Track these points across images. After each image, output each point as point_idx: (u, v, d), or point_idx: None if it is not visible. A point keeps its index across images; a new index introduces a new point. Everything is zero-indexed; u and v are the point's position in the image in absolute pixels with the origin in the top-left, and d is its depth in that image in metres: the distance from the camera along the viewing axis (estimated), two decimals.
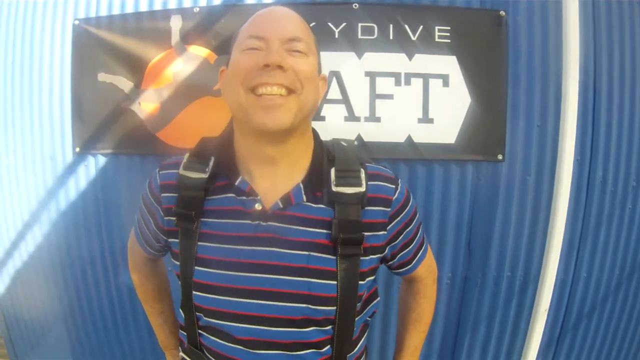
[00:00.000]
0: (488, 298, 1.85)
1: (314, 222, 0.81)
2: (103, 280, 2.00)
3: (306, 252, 0.80)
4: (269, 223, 0.80)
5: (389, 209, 0.85)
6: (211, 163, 0.83)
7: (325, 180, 0.82)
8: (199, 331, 0.87)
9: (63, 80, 1.84)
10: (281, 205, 0.80)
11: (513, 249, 1.80)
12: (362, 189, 0.81)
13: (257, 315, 0.81)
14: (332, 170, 0.82)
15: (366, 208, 0.82)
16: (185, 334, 0.92)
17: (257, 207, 0.80)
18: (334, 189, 0.81)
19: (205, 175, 0.83)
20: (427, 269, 1.02)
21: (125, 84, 1.72)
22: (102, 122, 1.78)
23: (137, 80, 1.71)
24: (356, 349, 0.92)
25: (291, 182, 0.82)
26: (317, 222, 0.81)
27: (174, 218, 0.85)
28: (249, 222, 0.80)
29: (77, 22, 1.77)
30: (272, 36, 0.75)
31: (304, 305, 0.80)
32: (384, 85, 1.60)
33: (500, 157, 1.67)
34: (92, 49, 1.75)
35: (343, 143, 0.89)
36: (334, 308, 0.81)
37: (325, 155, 0.85)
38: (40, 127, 1.90)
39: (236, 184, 0.81)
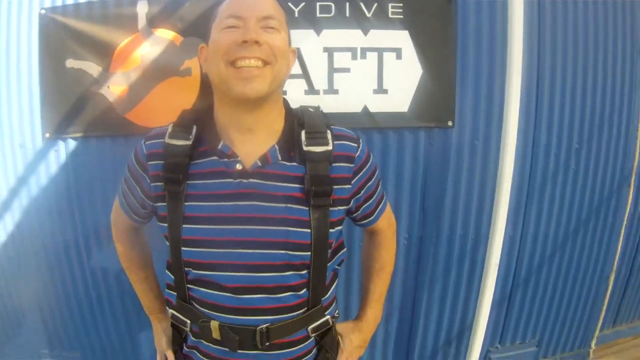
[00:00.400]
0: (443, 256, 2.04)
1: (289, 178, 0.94)
2: (77, 265, 2.08)
3: (283, 204, 0.93)
4: (250, 180, 0.93)
5: (352, 165, 0.99)
6: (194, 131, 0.96)
7: (297, 141, 0.95)
8: (188, 285, 0.99)
9: (31, 69, 1.90)
10: (260, 164, 0.93)
11: (464, 209, 1.99)
12: (330, 147, 0.96)
13: (242, 263, 0.93)
14: (303, 133, 0.95)
15: (333, 164, 0.96)
16: (174, 293, 1.04)
17: (238, 167, 0.93)
18: (305, 148, 0.94)
19: (189, 142, 0.95)
20: (387, 222, 1.18)
21: (93, 68, 1.81)
22: (71, 107, 1.85)
23: (106, 64, 1.80)
24: (328, 294, 1.07)
25: (267, 145, 0.95)
26: (291, 178, 0.94)
27: (161, 183, 0.96)
28: (231, 180, 0.93)
29: (43, 11, 1.85)
30: (249, 15, 0.87)
31: (283, 251, 0.93)
32: (341, 59, 1.75)
33: (450, 123, 1.85)
34: (60, 36, 1.83)
35: (310, 109, 1.03)
36: (309, 253, 0.95)
37: (296, 120, 0.99)
38: (8, 116, 1.96)
39: (219, 147, 0.94)
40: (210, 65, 0.93)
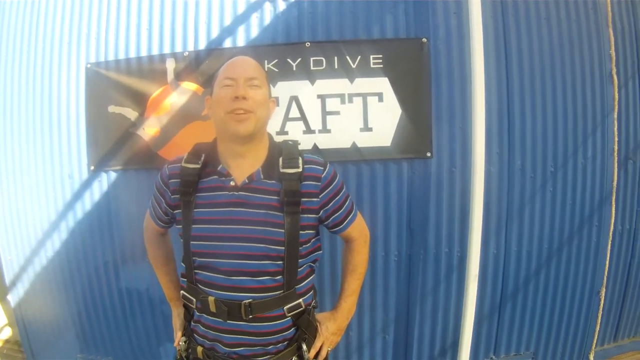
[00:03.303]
0: (431, 272, 2.65)
1: (269, 192, 1.49)
2: (114, 278, 2.83)
3: (264, 211, 1.47)
4: (240, 193, 1.48)
5: (319, 183, 1.53)
6: (202, 158, 1.54)
7: (276, 165, 1.51)
8: (195, 270, 1.53)
9: (78, 112, 2.70)
10: (247, 181, 1.49)
11: (447, 229, 2.60)
12: (300, 169, 1.50)
13: (233, 253, 1.47)
14: (280, 159, 1.52)
15: (303, 182, 1.50)
16: (185, 279, 1.60)
17: (232, 183, 1.49)
18: (281, 170, 1.50)
19: (198, 166, 1.53)
20: (358, 232, 1.70)
21: (131, 113, 2.59)
22: (112, 144, 2.63)
23: (141, 110, 2.57)
24: (302, 284, 1.58)
25: (254, 167, 1.51)
26: (270, 192, 1.49)
27: (178, 195, 1.53)
28: (227, 192, 1.49)
29: (89, 65, 2.65)
30: (239, 76, 1.45)
31: (263, 245, 1.46)
32: (332, 104, 2.45)
33: (429, 154, 2.50)
34: (103, 86, 2.61)
35: (290, 142, 1.60)
36: (283, 248, 1.47)
37: (276, 150, 1.55)
38: (59, 151, 2.76)
39: (218, 169, 1.51)
40: (214, 112, 1.50)
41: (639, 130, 2.85)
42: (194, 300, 1.58)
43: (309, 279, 1.63)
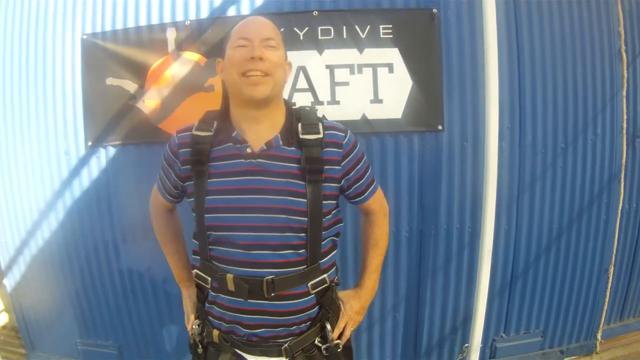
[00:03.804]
0: (442, 248, 2.60)
1: (288, 159, 1.38)
2: (114, 258, 2.74)
3: (284, 179, 1.37)
4: (258, 160, 1.38)
5: (341, 150, 1.43)
6: (214, 125, 1.43)
7: (295, 131, 1.41)
8: (210, 246, 1.42)
9: (74, 86, 2.59)
10: (265, 148, 1.38)
11: (459, 204, 2.55)
12: (320, 135, 1.40)
13: (252, 225, 1.36)
14: (299, 125, 1.41)
15: (324, 149, 1.40)
16: (198, 257, 1.48)
17: (248, 150, 1.38)
18: (301, 136, 1.40)
19: (211, 133, 1.42)
20: (378, 204, 1.62)
21: (130, 85, 2.48)
22: (111, 118, 2.52)
23: (141, 82, 2.46)
24: (325, 259, 1.48)
25: (271, 134, 1.40)
26: (290, 159, 1.38)
27: (188, 166, 1.42)
28: (243, 160, 1.38)
29: (85, 36, 2.53)
30: (254, 37, 1.34)
31: (284, 216, 1.36)
32: (342, 75, 2.36)
33: (440, 127, 2.44)
34: (100, 58, 2.50)
35: (307, 108, 1.50)
36: (306, 219, 1.37)
37: (294, 115, 1.45)
38: (54, 127, 2.64)
39: (233, 135, 1.40)
40: (226, 75, 1.39)
41: None
42: (209, 279, 1.48)
43: (331, 254, 1.54)
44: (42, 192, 2.76)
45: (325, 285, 1.49)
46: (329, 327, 1.51)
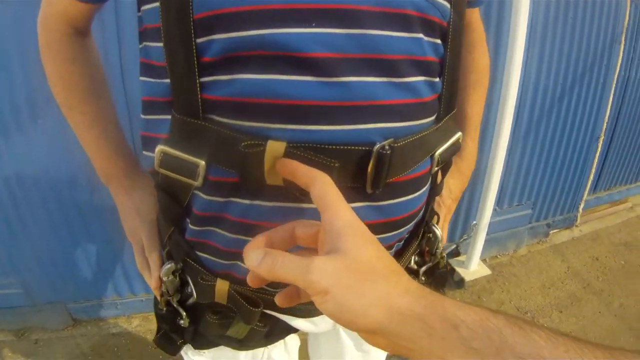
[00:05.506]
0: None
1: None
2: None
3: None
4: None
5: None
6: None
7: None
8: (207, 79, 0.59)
9: None
10: None
11: None
12: None
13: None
14: None
15: None
16: (162, 117, 0.68)
17: None
18: None
19: None
20: (479, 21, 0.98)
21: None
22: None
23: None
24: None
25: None
26: None
27: None
28: None
29: None
30: None
31: None
32: None
33: None
34: None
35: None
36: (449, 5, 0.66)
37: None
38: None
39: None
40: None
41: None
42: (202, 162, 0.63)
43: None
44: None
45: (455, 149, 0.84)
46: (438, 232, 0.87)
